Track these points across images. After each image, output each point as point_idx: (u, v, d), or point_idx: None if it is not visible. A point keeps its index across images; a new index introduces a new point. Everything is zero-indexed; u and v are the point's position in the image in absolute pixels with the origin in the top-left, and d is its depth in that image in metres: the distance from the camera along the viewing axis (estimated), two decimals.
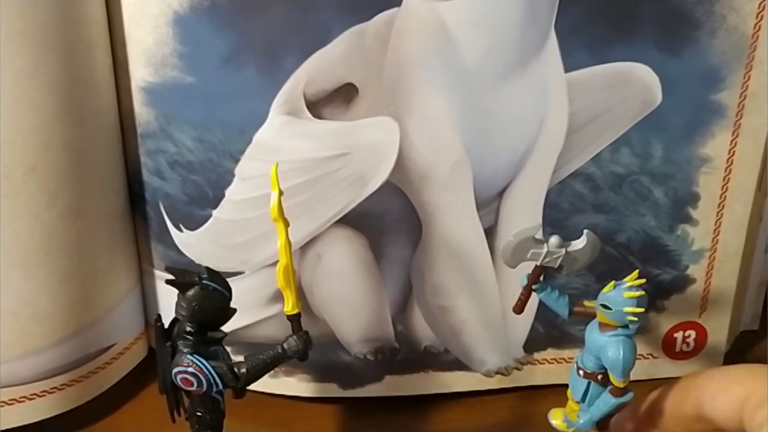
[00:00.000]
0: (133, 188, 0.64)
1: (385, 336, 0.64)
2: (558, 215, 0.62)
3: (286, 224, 0.52)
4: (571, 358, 0.66)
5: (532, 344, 0.65)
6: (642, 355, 0.66)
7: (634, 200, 0.62)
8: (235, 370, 0.51)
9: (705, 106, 0.59)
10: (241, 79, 0.56)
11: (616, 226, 0.62)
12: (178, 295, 0.51)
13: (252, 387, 0.64)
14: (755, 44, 0.57)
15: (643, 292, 0.53)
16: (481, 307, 0.63)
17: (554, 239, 0.54)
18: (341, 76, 0.57)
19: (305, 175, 0.59)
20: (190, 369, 0.50)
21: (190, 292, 0.51)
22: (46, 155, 0.57)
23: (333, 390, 0.65)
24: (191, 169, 0.60)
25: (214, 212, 0.61)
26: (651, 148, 0.60)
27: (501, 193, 0.61)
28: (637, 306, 0.52)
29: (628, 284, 0.53)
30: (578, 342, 0.65)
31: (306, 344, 0.52)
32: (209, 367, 0.51)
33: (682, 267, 0.64)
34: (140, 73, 0.59)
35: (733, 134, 0.60)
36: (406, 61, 0.57)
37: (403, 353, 0.65)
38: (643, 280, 0.53)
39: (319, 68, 0.57)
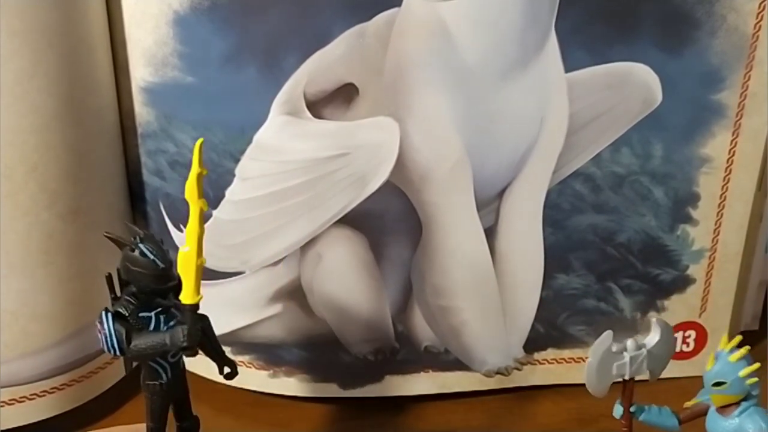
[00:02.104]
0: (133, 188, 0.64)
1: (385, 336, 0.64)
2: (558, 215, 0.62)
3: (203, 206, 0.47)
4: (571, 359, 0.66)
5: (532, 344, 0.65)
6: None
7: (634, 200, 0.62)
8: (131, 343, 0.49)
9: (705, 106, 0.59)
10: (241, 79, 0.56)
11: (616, 227, 0.62)
12: None
13: (252, 387, 0.65)
14: (755, 44, 0.57)
15: (748, 347, 0.47)
16: (481, 308, 0.63)
17: (630, 343, 0.49)
18: (341, 76, 0.57)
19: (305, 175, 0.59)
20: (98, 324, 0.49)
21: (123, 251, 0.49)
22: (46, 155, 0.57)
23: (333, 390, 0.65)
24: None
25: (215, 212, 0.61)
26: (651, 148, 0.60)
27: (501, 193, 0.61)
28: (750, 365, 0.47)
29: (728, 349, 0.48)
30: (578, 342, 0.66)
31: (192, 339, 0.49)
32: (111, 327, 0.49)
33: (682, 267, 0.64)
34: (140, 73, 0.59)
35: (733, 134, 0.60)
36: (406, 61, 0.57)
37: (403, 353, 0.65)
38: (740, 338, 0.48)
39: (320, 68, 0.57)
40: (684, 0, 0.56)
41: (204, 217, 0.47)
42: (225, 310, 0.63)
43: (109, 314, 0.49)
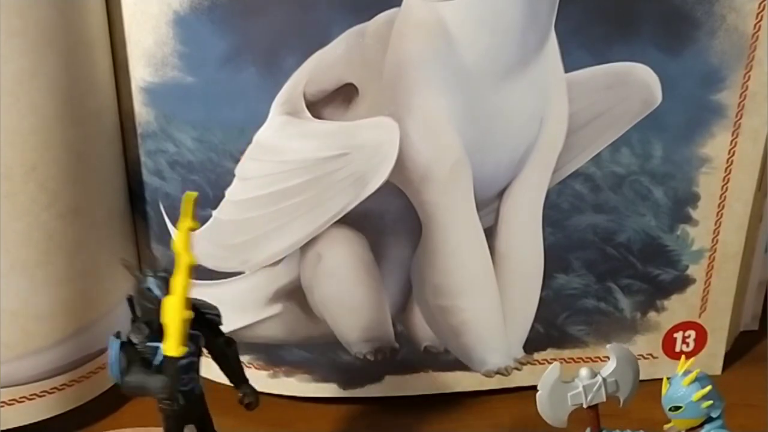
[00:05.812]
0: (133, 188, 0.64)
1: (385, 336, 0.64)
2: (558, 215, 0.62)
3: (191, 261, 0.47)
4: (571, 359, 0.66)
5: (532, 344, 0.65)
6: (642, 355, 0.66)
7: (634, 200, 0.62)
8: (126, 376, 0.49)
9: (705, 106, 0.59)
10: (241, 79, 0.56)
11: (616, 226, 0.62)
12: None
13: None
14: (755, 44, 0.57)
15: (698, 370, 0.47)
16: (481, 308, 0.63)
17: (583, 372, 0.49)
18: (341, 76, 0.57)
19: (305, 175, 0.59)
20: (107, 349, 0.49)
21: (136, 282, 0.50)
22: (46, 155, 0.57)
23: (333, 390, 0.65)
24: (191, 169, 0.60)
25: (214, 212, 0.61)
26: (651, 148, 0.60)
27: (501, 193, 0.61)
28: (703, 387, 0.46)
29: (680, 372, 0.47)
30: (578, 342, 0.66)
31: (168, 392, 0.48)
32: (116, 354, 0.49)
33: (682, 267, 0.64)
34: (140, 73, 0.59)
35: (733, 134, 0.60)
36: (406, 61, 0.57)
37: (403, 353, 0.65)
38: (693, 360, 0.48)
39: (319, 68, 0.57)
40: (684, 0, 0.56)
41: (191, 270, 0.46)
42: (225, 310, 0.62)
43: (116, 341, 0.49)
